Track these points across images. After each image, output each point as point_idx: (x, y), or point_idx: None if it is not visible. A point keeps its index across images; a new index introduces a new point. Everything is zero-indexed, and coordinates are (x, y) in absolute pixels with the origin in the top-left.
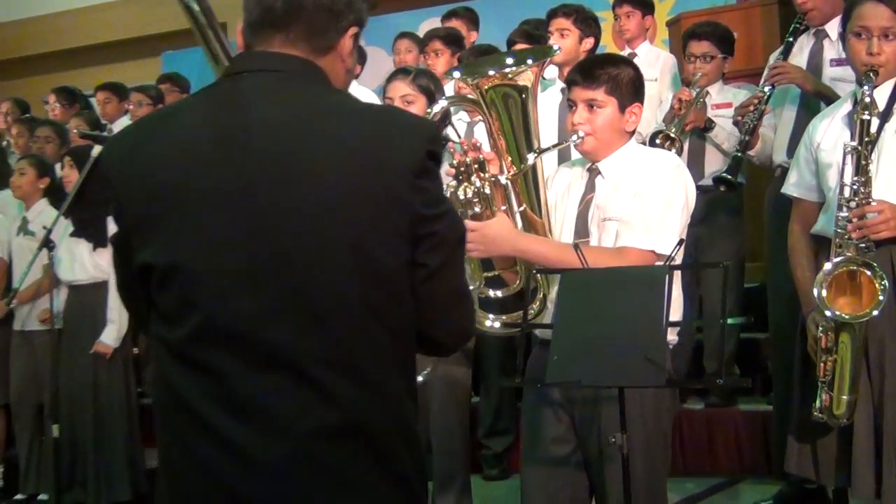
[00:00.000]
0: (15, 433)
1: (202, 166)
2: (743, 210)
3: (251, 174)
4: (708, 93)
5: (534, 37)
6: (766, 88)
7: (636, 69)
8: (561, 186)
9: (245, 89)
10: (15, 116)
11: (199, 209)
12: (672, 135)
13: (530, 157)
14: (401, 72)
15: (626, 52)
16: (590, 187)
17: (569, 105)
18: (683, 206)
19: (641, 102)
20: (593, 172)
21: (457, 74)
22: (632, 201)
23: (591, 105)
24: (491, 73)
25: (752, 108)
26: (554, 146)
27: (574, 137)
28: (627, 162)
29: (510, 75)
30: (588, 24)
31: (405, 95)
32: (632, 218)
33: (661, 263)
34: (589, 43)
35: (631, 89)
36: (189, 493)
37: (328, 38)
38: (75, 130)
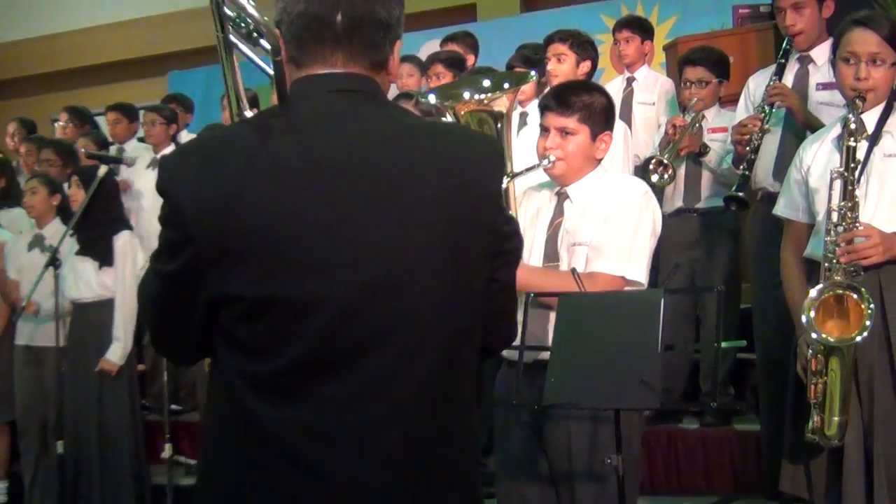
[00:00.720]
0: (20, 449)
1: (294, 193)
2: (739, 233)
3: (347, 200)
4: (704, 116)
5: (532, 61)
6: (767, 108)
7: (609, 98)
8: (531, 210)
9: (326, 111)
10: (22, 136)
11: (297, 238)
12: (665, 161)
13: (504, 181)
14: (404, 96)
15: (625, 76)
16: (558, 211)
17: (541, 130)
18: (651, 233)
19: (611, 130)
20: (562, 196)
21: (432, 98)
22: (601, 227)
23: (563, 131)
24: (466, 97)
25: (756, 127)
26: (526, 170)
27: (545, 161)
28: (595, 187)
29: (486, 101)
30: (584, 48)
31: None
32: (602, 244)
33: (631, 287)
34: (586, 66)
35: (603, 118)
36: None
37: (383, 53)
38: (83, 150)
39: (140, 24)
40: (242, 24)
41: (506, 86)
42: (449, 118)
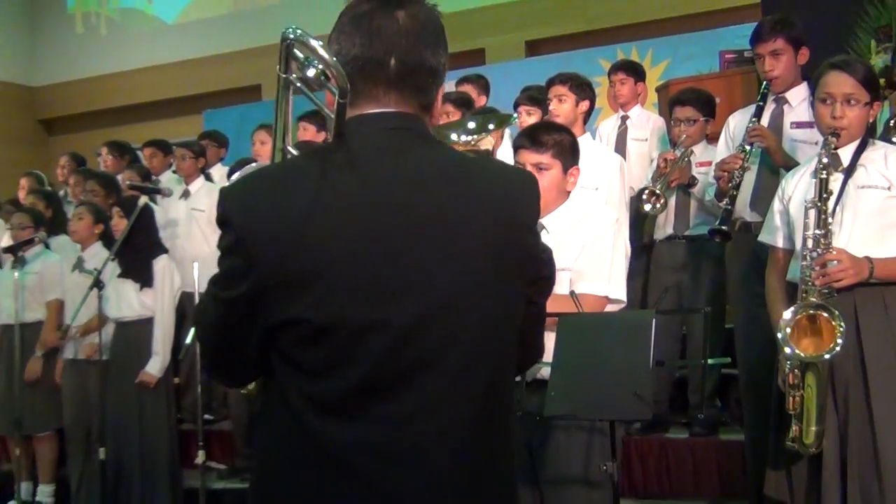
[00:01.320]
0: (67, 455)
1: (356, 225)
2: (724, 258)
3: (403, 231)
4: (692, 152)
5: (537, 100)
6: (747, 147)
7: (573, 136)
8: None
9: (382, 148)
10: (71, 168)
11: (359, 267)
12: (657, 191)
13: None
14: None
15: (620, 115)
16: None
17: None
18: (625, 256)
19: (577, 165)
20: (539, 228)
21: None
22: (581, 253)
23: (538, 167)
24: (454, 138)
25: (738, 164)
26: None
27: None
28: (569, 218)
29: (473, 142)
30: (583, 89)
31: None
32: (584, 268)
33: (613, 304)
34: (584, 105)
35: (571, 154)
36: None
37: (430, 97)
38: (127, 182)
39: (178, 67)
40: (311, 66)
41: (490, 126)
42: None
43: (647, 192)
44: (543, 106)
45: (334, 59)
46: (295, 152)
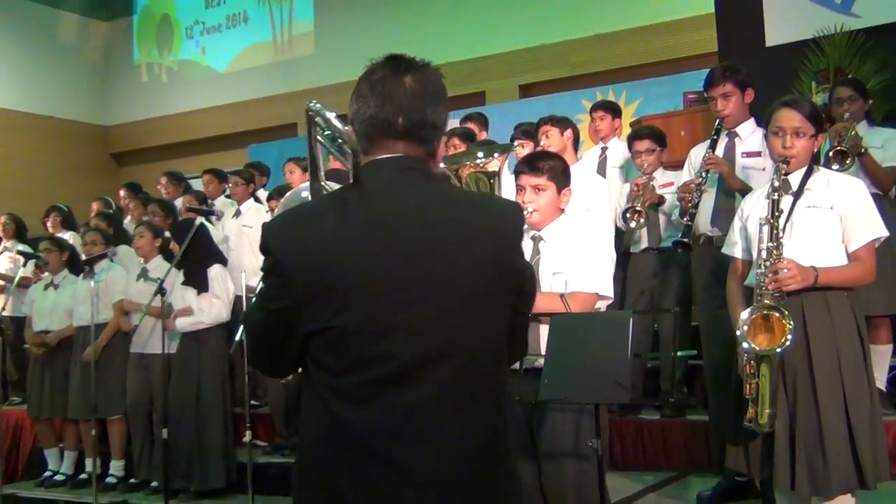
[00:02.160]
0: (131, 435)
1: (368, 248)
2: (690, 267)
3: (411, 251)
4: (654, 177)
5: (530, 133)
6: (703, 174)
7: (565, 162)
8: None
9: (392, 184)
10: (128, 196)
11: (373, 283)
12: (639, 209)
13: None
14: None
15: (600, 146)
16: (535, 251)
17: (518, 189)
18: (611, 259)
19: (570, 186)
20: (536, 239)
21: (442, 164)
22: (574, 258)
23: (536, 188)
24: (467, 162)
25: (694, 187)
26: None
27: (524, 213)
28: (562, 230)
29: (482, 165)
30: (564, 122)
31: None
32: (577, 271)
33: (602, 305)
34: (569, 132)
35: (563, 177)
36: None
37: (432, 146)
38: (187, 205)
39: (227, 109)
40: (328, 131)
41: (495, 154)
42: (451, 176)
43: (630, 210)
44: (535, 138)
45: (346, 127)
46: (331, 186)
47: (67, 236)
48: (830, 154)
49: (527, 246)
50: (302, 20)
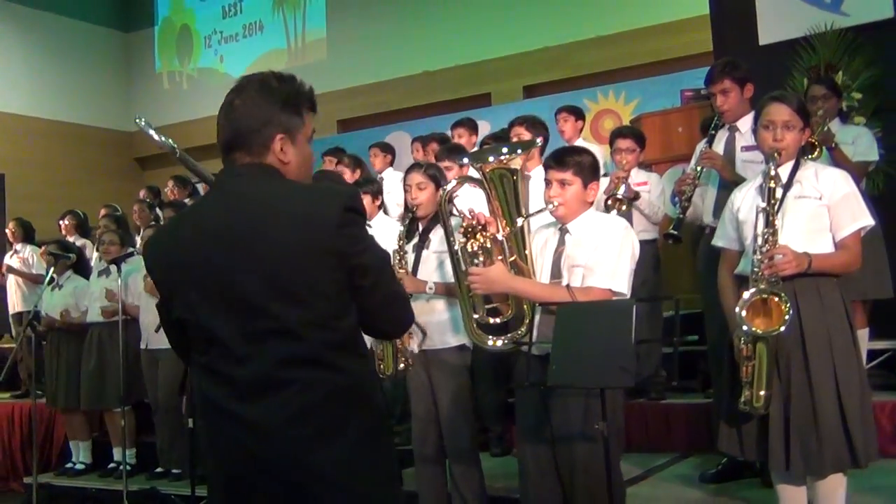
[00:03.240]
0: (154, 424)
1: (198, 245)
2: (660, 261)
3: (234, 241)
4: (628, 174)
5: (503, 138)
6: (699, 168)
7: (593, 156)
8: (540, 242)
9: (224, 184)
10: (150, 198)
11: (197, 278)
12: (620, 196)
13: (519, 221)
14: (416, 165)
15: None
16: (561, 242)
17: (546, 183)
18: (631, 257)
19: (598, 180)
20: (563, 231)
21: (466, 160)
22: (593, 253)
23: (562, 183)
24: (491, 159)
25: (689, 181)
26: (536, 212)
27: (550, 206)
28: (588, 224)
29: (505, 161)
30: (537, 127)
31: (419, 182)
32: (594, 265)
33: (620, 298)
34: (540, 139)
35: (590, 171)
36: (224, 460)
37: (262, 147)
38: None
39: None
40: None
41: (518, 151)
42: (476, 174)
43: (611, 199)
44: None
45: (164, 139)
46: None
47: (79, 242)
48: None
49: (553, 238)
50: (315, 28)
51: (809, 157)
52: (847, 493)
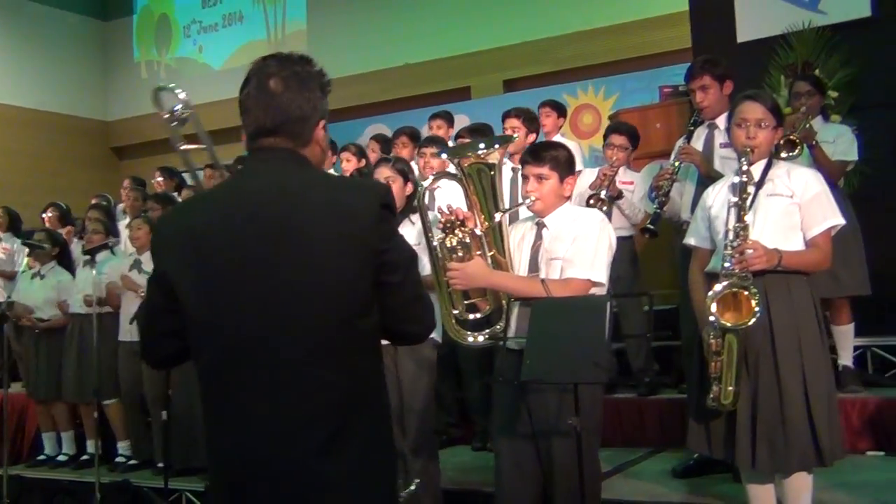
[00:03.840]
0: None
1: (229, 232)
2: (637, 258)
3: (264, 237)
4: (617, 171)
5: (481, 131)
6: (677, 164)
7: (570, 151)
8: (517, 236)
9: (256, 170)
10: (132, 188)
11: (225, 262)
12: (602, 196)
13: (497, 216)
14: (383, 160)
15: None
16: (538, 236)
17: (523, 178)
18: (608, 248)
19: (574, 174)
20: (540, 226)
21: (444, 156)
22: (571, 245)
23: (539, 178)
24: (469, 154)
25: (667, 176)
26: (514, 207)
27: (528, 201)
28: (565, 218)
29: (482, 155)
30: (532, 120)
31: (388, 177)
32: (573, 257)
33: (596, 291)
34: (532, 137)
35: (567, 166)
36: (226, 465)
37: (306, 135)
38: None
39: (223, 104)
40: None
41: (496, 145)
42: (453, 169)
43: (593, 197)
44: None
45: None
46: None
47: (63, 232)
48: (781, 141)
49: (531, 232)
50: (295, 19)
51: (790, 154)
52: (814, 489)
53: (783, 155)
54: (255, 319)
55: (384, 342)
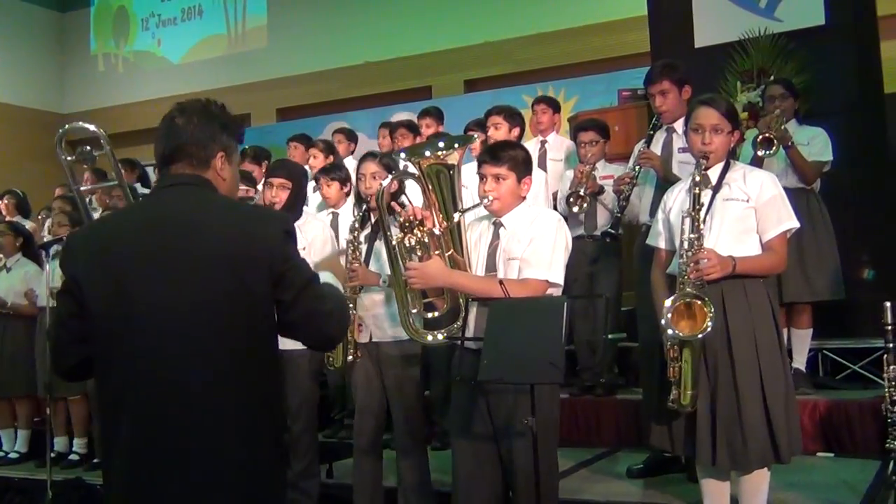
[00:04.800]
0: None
1: (137, 244)
2: (622, 253)
3: (167, 250)
4: (596, 167)
5: (483, 125)
6: (637, 168)
7: (527, 152)
8: (474, 236)
9: (163, 196)
10: (93, 181)
11: (138, 273)
12: (582, 194)
13: (455, 216)
14: (370, 155)
15: (539, 139)
16: (496, 236)
17: (480, 177)
18: (564, 248)
19: (531, 175)
20: (497, 225)
21: (403, 155)
22: (528, 246)
23: (497, 178)
24: (427, 154)
25: (627, 181)
26: (471, 207)
27: (485, 200)
28: (522, 218)
29: (441, 156)
30: (514, 118)
31: (374, 172)
32: (530, 258)
33: (553, 292)
34: (516, 132)
35: (524, 166)
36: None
37: (205, 160)
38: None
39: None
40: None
41: (455, 146)
42: (413, 169)
43: (573, 196)
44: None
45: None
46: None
47: (21, 221)
48: (759, 139)
49: (488, 232)
50: (255, 14)
51: (768, 152)
52: (769, 489)
53: (760, 153)
54: (160, 325)
55: (376, 341)
